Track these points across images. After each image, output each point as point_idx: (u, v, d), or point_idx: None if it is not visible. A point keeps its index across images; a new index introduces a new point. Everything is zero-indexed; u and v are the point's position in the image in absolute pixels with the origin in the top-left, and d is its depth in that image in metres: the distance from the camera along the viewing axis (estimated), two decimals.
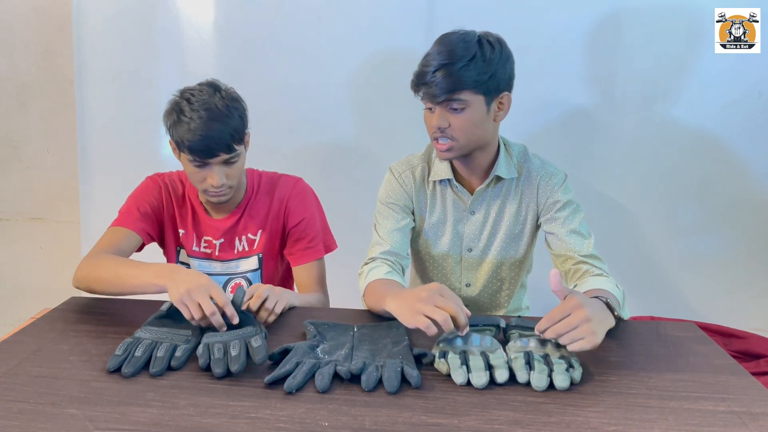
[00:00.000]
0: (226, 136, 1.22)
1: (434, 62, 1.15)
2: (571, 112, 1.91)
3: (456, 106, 1.17)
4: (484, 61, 1.15)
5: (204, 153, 1.22)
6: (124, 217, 1.35)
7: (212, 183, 1.26)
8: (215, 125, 1.21)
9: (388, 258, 1.30)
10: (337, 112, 1.97)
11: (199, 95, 1.24)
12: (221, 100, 1.24)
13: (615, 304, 1.05)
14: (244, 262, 1.43)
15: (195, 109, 1.22)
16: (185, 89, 1.28)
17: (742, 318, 1.95)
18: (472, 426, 0.79)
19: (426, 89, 1.17)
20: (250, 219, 1.41)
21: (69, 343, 1.02)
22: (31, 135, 2.31)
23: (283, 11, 1.90)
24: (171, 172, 1.46)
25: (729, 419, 0.82)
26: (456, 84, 1.14)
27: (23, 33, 2.22)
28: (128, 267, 1.14)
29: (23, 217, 2.40)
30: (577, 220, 1.29)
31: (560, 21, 1.84)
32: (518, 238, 1.37)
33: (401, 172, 1.37)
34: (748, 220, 1.95)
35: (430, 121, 1.22)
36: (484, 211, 1.35)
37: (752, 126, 1.87)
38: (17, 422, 0.78)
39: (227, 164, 1.26)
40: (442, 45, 1.17)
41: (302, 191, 1.44)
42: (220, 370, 0.90)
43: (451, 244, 1.38)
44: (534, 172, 1.33)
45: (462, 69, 1.13)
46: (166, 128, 1.28)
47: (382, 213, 1.36)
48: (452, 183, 1.34)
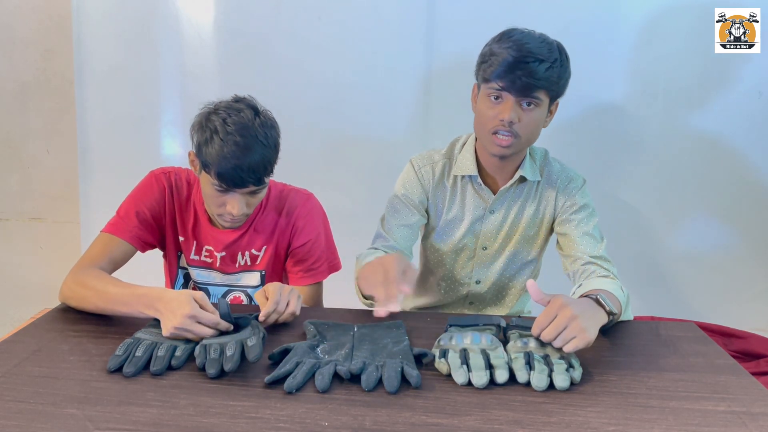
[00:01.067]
0: (260, 168, 1.12)
1: (522, 54, 1.13)
2: (570, 113, 1.91)
3: (531, 102, 1.17)
4: (560, 66, 1.18)
5: (232, 183, 1.12)
6: (120, 224, 1.26)
7: (232, 212, 1.16)
8: (250, 155, 1.10)
9: (388, 250, 1.29)
10: (337, 112, 1.97)
11: (237, 116, 1.12)
12: (261, 126, 1.12)
13: (610, 301, 1.04)
14: (246, 276, 1.37)
15: (231, 132, 1.10)
16: (220, 104, 1.16)
17: (742, 318, 1.95)
18: (472, 426, 0.79)
19: (511, 78, 1.15)
20: (255, 234, 1.33)
21: (69, 343, 1.02)
22: (31, 135, 2.31)
23: (282, 11, 1.90)
24: (178, 169, 1.35)
25: (729, 419, 0.82)
26: (541, 81, 1.15)
27: (23, 33, 2.22)
28: (115, 289, 1.08)
29: (23, 217, 2.41)
30: (591, 224, 1.30)
31: (560, 21, 1.84)
32: (533, 240, 1.37)
33: (421, 165, 1.36)
34: (748, 220, 1.95)
35: (495, 112, 1.18)
36: (504, 212, 1.35)
37: (752, 126, 1.87)
38: (17, 422, 0.78)
39: (252, 194, 1.18)
40: (525, 41, 1.16)
41: (312, 210, 1.35)
42: (213, 371, 0.89)
43: (466, 241, 1.38)
44: (554, 175, 1.34)
45: (548, 69, 1.15)
46: (192, 142, 1.17)
47: (394, 206, 1.36)
48: (475, 180, 1.33)
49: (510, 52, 1.15)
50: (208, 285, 1.39)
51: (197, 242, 1.34)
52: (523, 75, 1.13)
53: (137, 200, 1.29)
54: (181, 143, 2.05)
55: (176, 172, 1.34)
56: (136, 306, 1.04)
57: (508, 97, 1.17)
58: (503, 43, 1.17)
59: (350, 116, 1.97)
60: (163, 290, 1.04)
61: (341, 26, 1.90)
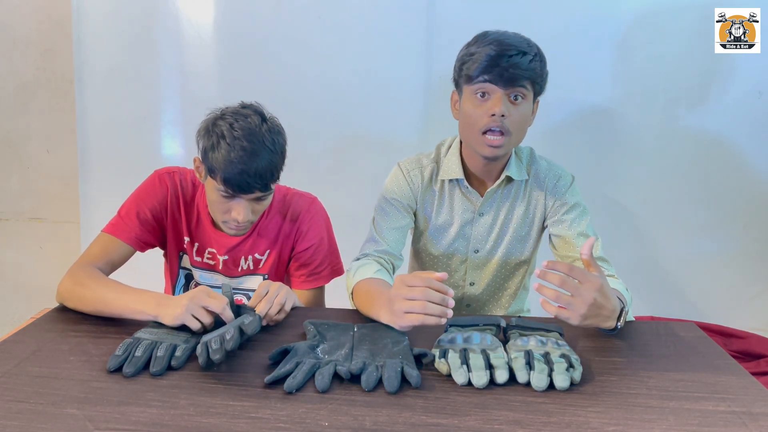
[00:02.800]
0: (267, 174, 1.12)
1: (504, 48, 1.14)
2: (570, 113, 1.91)
3: (519, 94, 1.18)
4: (541, 61, 1.19)
5: (239, 188, 1.12)
6: (120, 225, 1.26)
7: (237, 218, 1.17)
8: (257, 160, 1.10)
9: (381, 256, 1.29)
10: (337, 112, 1.97)
11: (244, 122, 1.12)
12: (268, 132, 1.13)
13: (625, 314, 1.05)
14: (248, 279, 1.37)
15: (238, 137, 1.10)
16: (227, 110, 1.17)
17: (742, 318, 1.95)
18: (472, 426, 0.79)
19: (498, 71, 1.15)
20: (259, 239, 1.33)
21: (69, 343, 1.02)
22: (31, 135, 2.32)
23: (282, 10, 1.90)
24: (183, 169, 1.34)
25: (729, 419, 0.82)
26: (527, 72, 1.15)
27: (23, 33, 2.22)
28: (114, 292, 1.08)
29: (23, 217, 2.41)
30: (584, 223, 1.29)
31: (560, 21, 1.84)
32: (525, 240, 1.37)
33: (410, 169, 1.36)
34: (748, 220, 1.95)
35: (483, 110, 1.18)
36: (494, 213, 1.35)
37: (752, 126, 1.88)
38: (17, 422, 0.78)
39: (257, 200, 1.18)
40: (503, 38, 1.17)
41: (316, 214, 1.35)
42: (218, 356, 0.89)
43: (457, 244, 1.38)
44: (542, 174, 1.33)
45: (531, 61, 1.16)
46: (198, 147, 1.17)
47: (383, 209, 1.36)
48: (462, 184, 1.33)
49: (492, 47, 1.16)
50: (211, 286, 1.38)
51: (200, 244, 1.34)
52: (509, 66, 1.14)
53: (139, 200, 1.29)
54: (181, 143, 2.05)
55: (181, 173, 1.33)
56: (135, 305, 1.05)
57: (496, 90, 1.17)
58: (481, 43, 1.18)
59: (350, 117, 1.97)
60: (160, 294, 1.06)
61: (341, 26, 1.90)
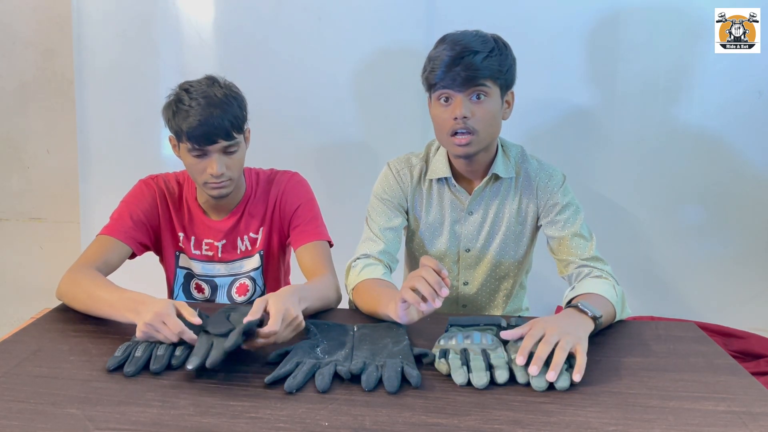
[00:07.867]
0: (225, 123, 1.23)
1: (457, 51, 1.16)
2: (570, 112, 1.91)
3: (480, 92, 1.18)
4: (500, 55, 1.19)
5: (203, 139, 1.22)
6: (114, 226, 1.31)
7: (212, 172, 1.25)
8: (214, 111, 1.21)
9: (383, 258, 1.29)
10: (337, 112, 1.97)
11: (198, 86, 1.25)
12: (220, 89, 1.25)
13: (592, 305, 1.05)
14: (247, 261, 1.41)
15: (194, 98, 1.23)
16: (183, 83, 1.29)
17: (742, 318, 1.95)
18: (472, 426, 0.79)
19: (452, 76, 1.16)
20: (250, 218, 1.40)
21: (69, 343, 1.02)
22: (31, 135, 2.32)
23: (282, 11, 1.90)
24: (166, 173, 1.42)
25: (729, 419, 0.82)
26: (481, 71, 1.16)
27: (23, 33, 2.22)
28: (105, 292, 1.10)
29: (23, 217, 2.41)
30: (578, 223, 1.29)
31: (560, 21, 1.84)
32: (519, 238, 1.36)
33: (399, 169, 1.37)
34: (747, 220, 1.95)
35: (448, 114, 1.20)
36: (483, 211, 1.35)
37: (752, 126, 1.88)
38: (17, 422, 0.78)
39: (227, 154, 1.26)
40: (459, 39, 1.18)
41: (297, 183, 1.43)
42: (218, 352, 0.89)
43: (448, 243, 1.38)
44: (532, 173, 1.33)
45: (485, 59, 1.16)
46: (165, 122, 1.28)
47: (376, 208, 1.36)
48: (450, 182, 1.33)
49: (446, 52, 1.17)
50: (213, 277, 1.41)
51: (195, 237, 1.39)
52: (462, 70, 1.15)
53: (130, 204, 1.35)
54: None
55: (165, 176, 1.42)
56: (121, 309, 1.05)
57: (455, 95, 1.19)
58: (439, 47, 1.20)
59: (350, 116, 1.97)
60: (147, 295, 1.05)
61: (341, 26, 1.90)
